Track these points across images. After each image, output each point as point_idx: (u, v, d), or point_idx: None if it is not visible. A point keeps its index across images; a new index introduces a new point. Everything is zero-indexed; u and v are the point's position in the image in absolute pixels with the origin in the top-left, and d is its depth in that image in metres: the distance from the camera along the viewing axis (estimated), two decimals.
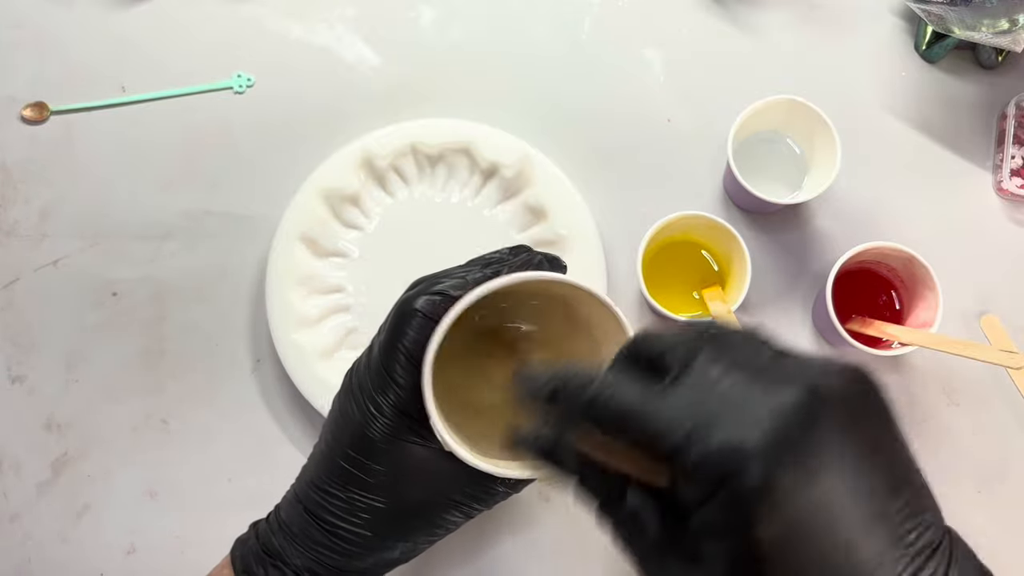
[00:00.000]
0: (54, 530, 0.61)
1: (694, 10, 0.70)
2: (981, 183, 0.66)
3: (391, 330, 0.38)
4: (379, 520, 0.39)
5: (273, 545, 0.41)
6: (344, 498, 0.39)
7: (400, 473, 0.38)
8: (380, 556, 0.40)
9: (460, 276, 0.39)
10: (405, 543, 0.40)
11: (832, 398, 0.24)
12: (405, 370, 0.38)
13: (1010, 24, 0.56)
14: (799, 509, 0.23)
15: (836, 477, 0.23)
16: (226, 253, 0.65)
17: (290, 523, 0.41)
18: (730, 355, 0.26)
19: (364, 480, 0.38)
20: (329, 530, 0.39)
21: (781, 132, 0.64)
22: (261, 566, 0.40)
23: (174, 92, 0.68)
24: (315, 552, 0.40)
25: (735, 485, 0.23)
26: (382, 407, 0.38)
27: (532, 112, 0.67)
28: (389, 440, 0.38)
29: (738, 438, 0.23)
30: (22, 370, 0.64)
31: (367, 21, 0.70)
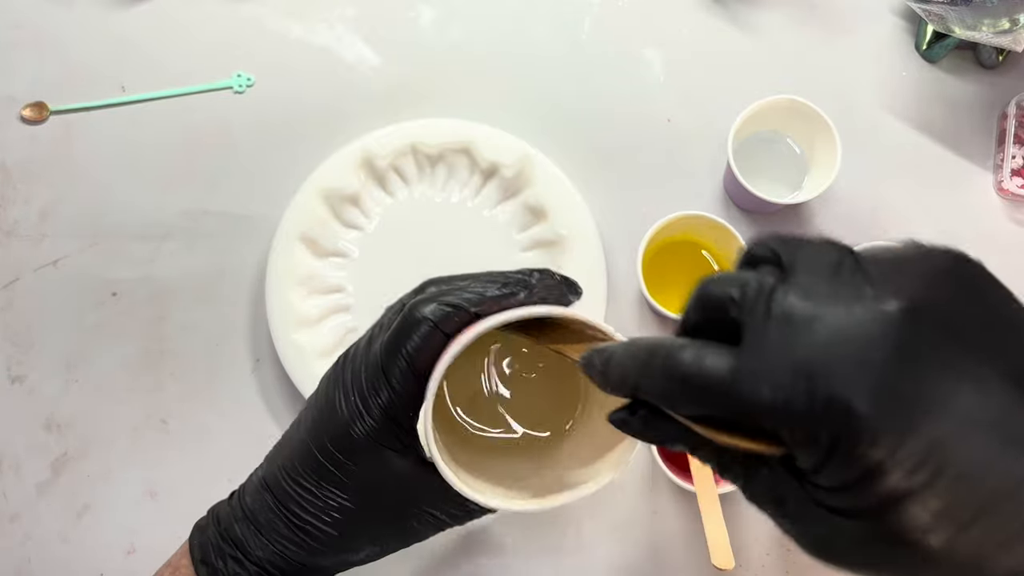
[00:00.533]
0: (54, 530, 0.61)
1: (694, 10, 0.70)
2: (982, 183, 0.66)
3: (396, 333, 0.37)
4: (350, 522, 0.38)
5: (235, 533, 0.39)
6: (317, 494, 0.38)
7: (378, 478, 0.37)
8: (345, 556, 0.39)
9: (478, 290, 0.38)
10: (372, 547, 0.39)
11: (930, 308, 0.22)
12: (403, 375, 0.36)
13: (1011, 24, 0.56)
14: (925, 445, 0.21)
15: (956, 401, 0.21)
16: (226, 253, 0.65)
17: (255, 511, 0.39)
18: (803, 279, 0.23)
19: (340, 479, 0.37)
20: (298, 525, 0.38)
21: (781, 132, 0.64)
22: (220, 558, 0.39)
23: (174, 92, 0.68)
24: (280, 545, 0.38)
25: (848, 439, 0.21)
26: (371, 409, 0.37)
27: (532, 112, 0.67)
28: (371, 443, 0.37)
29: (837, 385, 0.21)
30: (22, 370, 0.64)
31: (367, 21, 0.70)
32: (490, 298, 0.37)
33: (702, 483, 0.53)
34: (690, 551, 0.59)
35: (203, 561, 0.40)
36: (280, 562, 0.39)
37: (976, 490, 0.21)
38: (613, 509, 0.60)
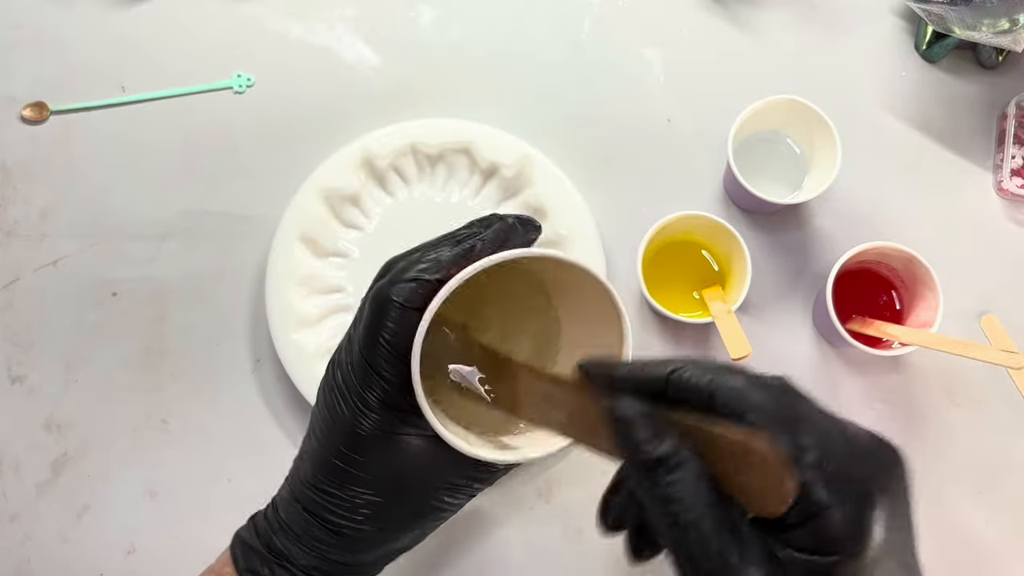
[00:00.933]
0: (54, 530, 0.61)
1: (694, 10, 0.70)
2: (981, 183, 0.66)
3: (370, 323, 0.37)
4: (381, 515, 0.38)
5: (277, 546, 0.40)
6: (343, 496, 0.38)
7: (396, 467, 0.38)
8: (387, 547, 0.40)
9: (432, 258, 0.38)
10: (412, 532, 0.40)
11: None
12: (389, 363, 0.37)
13: (1010, 24, 0.56)
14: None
15: None
16: (226, 253, 0.65)
17: (291, 523, 0.40)
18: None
19: (360, 477, 0.38)
20: (333, 529, 0.39)
21: (781, 132, 0.64)
22: (267, 566, 0.40)
23: (174, 92, 0.68)
24: (320, 551, 0.39)
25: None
26: (369, 403, 0.37)
27: (532, 112, 0.67)
28: (380, 436, 0.37)
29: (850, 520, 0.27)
30: (22, 370, 0.64)
31: (367, 21, 0.70)
32: (447, 261, 0.37)
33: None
34: None
35: (249, 570, 0.40)
36: (325, 566, 0.39)
37: None
38: None
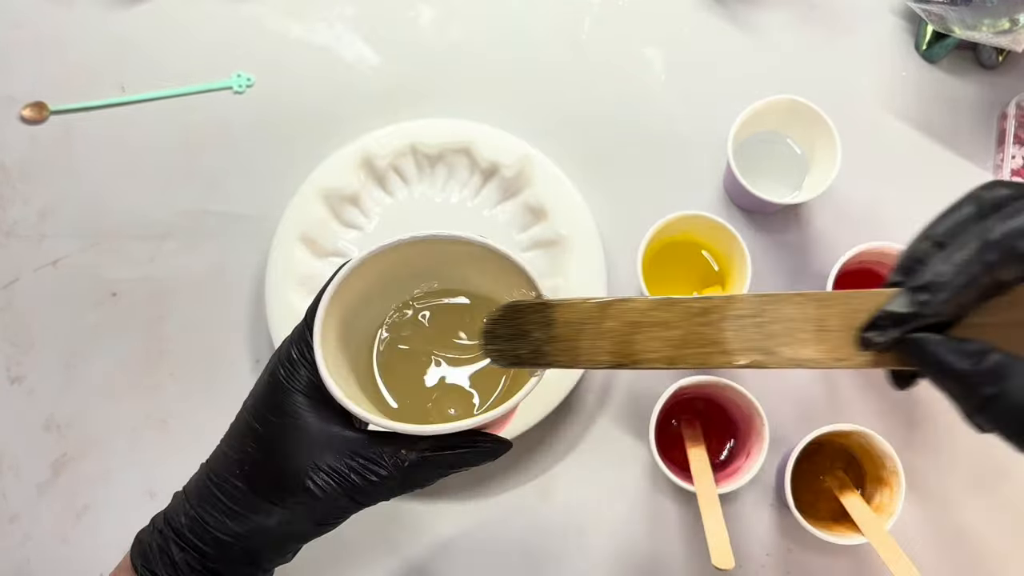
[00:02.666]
0: (54, 530, 0.61)
1: (694, 10, 0.70)
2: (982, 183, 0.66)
3: (322, 288, 0.40)
4: (259, 474, 0.39)
5: (170, 509, 0.41)
6: (238, 448, 0.40)
7: (293, 432, 0.38)
8: (257, 520, 0.39)
9: None
10: (283, 512, 0.39)
11: None
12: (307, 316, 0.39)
13: (1011, 24, 0.56)
14: None
15: None
16: (226, 253, 0.65)
17: (190, 485, 0.41)
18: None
19: (258, 431, 0.39)
20: (216, 483, 0.39)
21: (781, 132, 0.64)
22: (151, 532, 0.41)
23: (174, 92, 0.68)
24: (199, 510, 0.40)
25: None
26: (296, 362, 0.39)
27: (532, 112, 0.67)
28: (293, 396, 0.39)
29: None
30: (21, 370, 0.64)
31: (366, 20, 0.70)
32: None
33: (702, 483, 0.53)
34: (690, 551, 0.59)
35: (138, 539, 0.42)
36: (199, 529, 0.39)
37: None
38: (613, 510, 0.60)
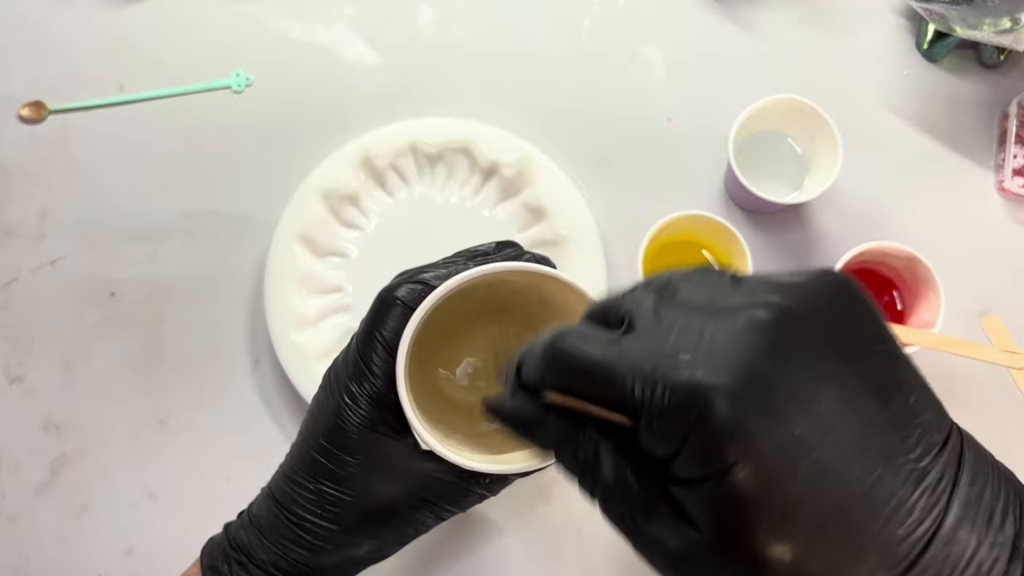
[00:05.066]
0: (52, 531, 0.61)
1: (694, 9, 0.69)
2: (983, 183, 0.66)
3: (370, 319, 0.38)
4: (346, 513, 0.38)
5: (241, 539, 0.40)
6: (313, 489, 0.38)
7: (371, 466, 0.37)
8: (346, 553, 0.39)
9: (443, 267, 0.39)
10: (372, 540, 0.39)
11: (800, 314, 0.22)
12: (382, 360, 0.37)
13: (1012, 23, 0.56)
14: (779, 443, 0.21)
15: (817, 400, 0.22)
16: (225, 253, 0.65)
17: (259, 516, 0.40)
18: (684, 292, 0.24)
19: (334, 471, 0.38)
20: (296, 523, 0.38)
21: (782, 131, 0.64)
22: (226, 562, 0.40)
23: (173, 91, 0.68)
24: (281, 546, 0.39)
25: (702, 430, 0.21)
26: (357, 397, 0.37)
27: (532, 112, 0.67)
28: (362, 431, 0.37)
29: (700, 378, 0.21)
30: (20, 370, 0.63)
31: (366, 20, 0.70)
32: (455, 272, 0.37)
33: None
34: None
35: (210, 567, 0.40)
36: (284, 564, 0.39)
37: (827, 496, 0.21)
38: None
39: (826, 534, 0.21)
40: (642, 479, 0.24)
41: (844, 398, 0.22)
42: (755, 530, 0.21)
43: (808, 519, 0.21)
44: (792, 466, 0.21)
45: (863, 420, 0.22)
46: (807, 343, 0.22)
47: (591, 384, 0.24)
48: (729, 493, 0.21)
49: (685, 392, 0.22)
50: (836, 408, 0.22)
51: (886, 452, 0.22)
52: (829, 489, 0.21)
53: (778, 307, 0.22)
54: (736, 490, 0.21)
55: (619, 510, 0.25)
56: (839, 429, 0.22)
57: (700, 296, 0.24)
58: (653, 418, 0.22)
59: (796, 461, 0.21)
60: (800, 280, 0.24)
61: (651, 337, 0.23)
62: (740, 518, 0.21)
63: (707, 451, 0.21)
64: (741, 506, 0.21)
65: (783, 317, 0.22)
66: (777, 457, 0.21)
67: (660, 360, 0.22)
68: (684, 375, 0.22)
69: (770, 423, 0.21)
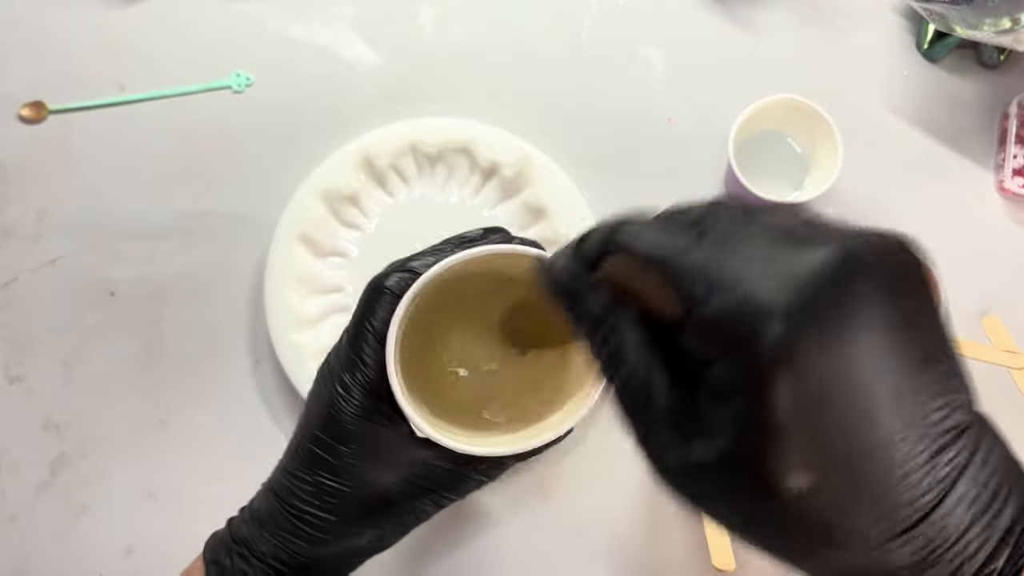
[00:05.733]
0: (52, 531, 0.60)
1: (694, 9, 0.69)
2: (983, 182, 0.66)
3: (360, 309, 0.38)
4: (345, 504, 0.38)
5: (242, 533, 0.40)
6: (311, 482, 0.38)
7: (368, 456, 0.38)
8: (346, 543, 0.39)
9: (432, 255, 0.39)
10: (373, 530, 0.39)
11: (868, 263, 0.23)
12: (373, 350, 0.37)
13: (1012, 23, 0.56)
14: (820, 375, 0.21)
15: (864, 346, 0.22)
16: (225, 253, 0.65)
17: (260, 510, 0.40)
18: (763, 217, 0.25)
19: (330, 462, 0.38)
20: (295, 515, 0.39)
21: (782, 131, 0.64)
22: (228, 556, 0.40)
23: (173, 91, 0.68)
24: (281, 539, 0.39)
25: (753, 342, 0.21)
26: (350, 387, 0.37)
27: (532, 112, 0.67)
28: (356, 420, 0.37)
29: (762, 294, 0.22)
30: (20, 370, 0.63)
31: (366, 20, 0.70)
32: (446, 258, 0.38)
33: None
34: (690, 551, 0.59)
35: (213, 561, 0.40)
36: (284, 556, 0.39)
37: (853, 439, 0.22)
38: (613, 510, 0.60)
39: (842, 474, 0.22)
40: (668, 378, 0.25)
41: (890, 352, 0.22)
42: (778, 453, 0.22)
43: (830, 455, 0.22)
44: (829, 400, 0.21)
45: (902, 379, 0.22)
46: (869, 290, 0.22)
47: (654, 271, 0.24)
48: (761, 409, 0.21)
49: (745, 302, 0.22)
50: (881, 358, 0.22)
51: (916, 416, 0.22)
52: (857, 432, 0.22)
53: (850, 250, 0.22)
54: (769, 408, 0.21)
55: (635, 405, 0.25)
56: (879, 379, 0.22)
57: (778, 223, 0.24)
58: (707, 320, 0.23)
59: (834, 396, 0.22)
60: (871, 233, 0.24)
61: (725, 245, 0.24)
62: (766, 437, 0.22)
63: (751, 363, 0.22)
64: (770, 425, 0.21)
65: (853, 260, 0.22)
66: (817, 387, 0.21)
67: (728, 266, 0.23)
68: (748, 285, 0.22)
69: (819, 352, 0.21)
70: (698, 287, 0.23)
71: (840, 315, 0.22)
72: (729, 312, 0.22)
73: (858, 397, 0.22)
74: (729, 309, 0.22)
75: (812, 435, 0.21)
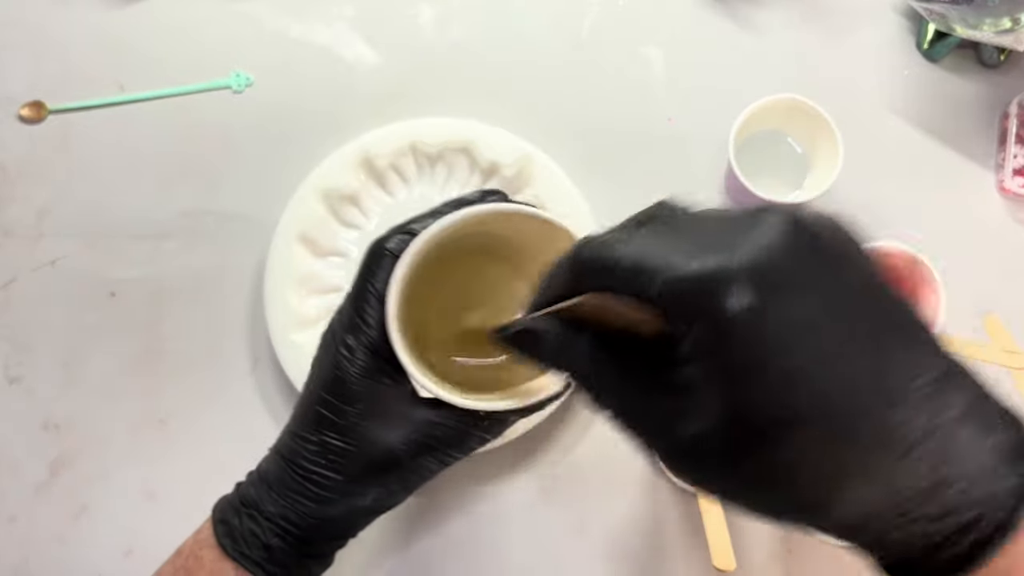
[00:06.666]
0: (52, 531, 0.60)
1: (695, 9, 0.69)
2: (983, 182, 0.66)
3: (361, 272, 0.39)
4: (351, 463, 0.39)
5: (250, 495, 0.41)
6: (317, 441, 0.39)
7: (372, 414, 0.38)
8: (353, 502, 0.40)
9: (431, 216, 0.39)
10: (378, 488, 0.40)
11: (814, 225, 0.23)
12: (375, 310, 0.37)
13: (1012, 23, 0.56)
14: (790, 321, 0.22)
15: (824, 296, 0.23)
16: (225, 253, 0.65)
17: (267, 472, 0.41)
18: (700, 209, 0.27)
19: (335, 422, 0.38)
20: (302, 475, 0.39)
21: (782, 131, 0.64)
22: (236, 516, 0.40)
23: (172, 91, 0.68)
24: (289, 499, 0.39)
25: (716, 308, 0.22)
26: (353, 348, 0.38)
27: (532, 112, 0.67)
28: (360, 381, 0.38)
29: (719, 261, 0.22)
30: (20, 370, 0.63)
31: (366, 20, 0.70)
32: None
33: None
34: (690, 551, 0.59)
35: (221, 520, 0.41)
36: (292, 516, 0.39)
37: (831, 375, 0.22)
38: (613, 509, 0.60)
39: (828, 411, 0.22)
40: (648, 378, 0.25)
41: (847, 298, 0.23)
42: (762, 402, 0.22)
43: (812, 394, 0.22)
44: (798, 350, 0.22)
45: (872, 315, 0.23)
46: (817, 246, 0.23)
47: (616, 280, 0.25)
48: (737, 363, 0.22)
49: (704, 274, 0.22)
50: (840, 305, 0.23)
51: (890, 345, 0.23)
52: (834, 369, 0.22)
53: (793, 214, 0.23)
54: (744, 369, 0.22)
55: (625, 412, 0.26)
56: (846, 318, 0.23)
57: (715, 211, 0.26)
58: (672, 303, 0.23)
59: (802, 346, 0.22)
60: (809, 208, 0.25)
61: (673, 234, 0.25)
62: (748, 390, 0.22)
63: (719, 328, 0.22)
64: (749, 376, 0.22)
65: (797, 222, 0.23)
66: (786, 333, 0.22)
67: (684, 249, 0.23)
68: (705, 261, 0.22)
69: (780, 307, 0.22)
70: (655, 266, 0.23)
71: (795, 276, 0.22)
72: (688, 282, 0.22)
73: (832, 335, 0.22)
74: (688, 280, 0.22)
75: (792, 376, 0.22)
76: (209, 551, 0.40)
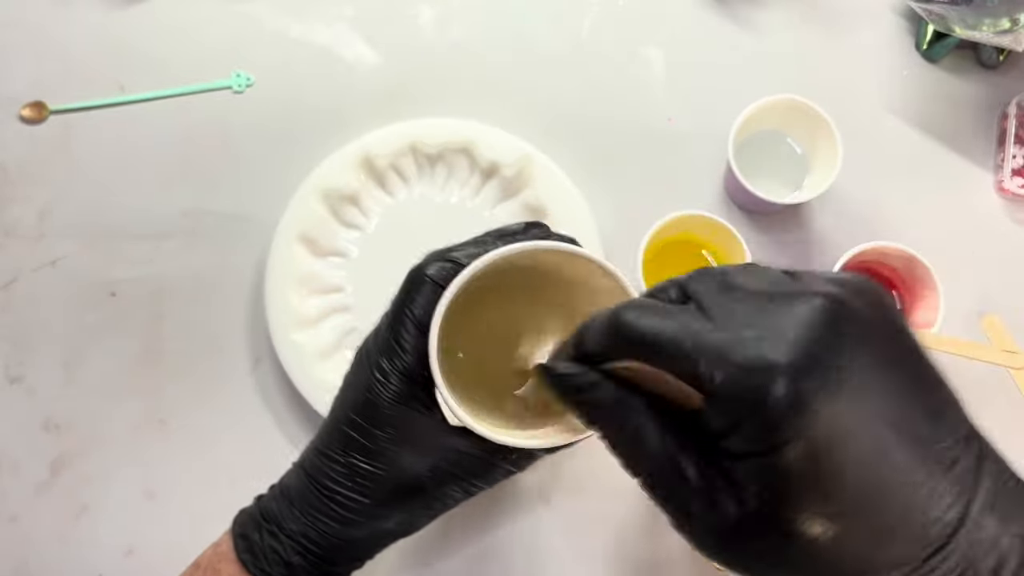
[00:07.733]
0: (52, 531, 0.60)
1: (695, 9, 0.70)
2: (982, 183, 0.66)
3: (400, 297, 0.38)
4: (377, 487, 0.38)
5: (272, 510, 0.41)
6: (344, 463, 0.39)
7: (401, 440, 0.38)
8: (375, 526, 0.40)
9: (473, 246, 0.39)
10: (402, 514, 0.40)
11: (853, 305, 0.24)
12: (412, 337, 0.37)
13: (1011, 23, 0.56)
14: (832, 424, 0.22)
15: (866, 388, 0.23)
16: (225, 253, 0.65)
17: (290, 488, 0.41)
18: (743, 279, 0.26)
19: (365, 445, 0.38)
20: (327, 495, 0.39)
21: (782, 131, 0.64)
22: (257, 531, 0.40)
23: (173, 91, 0.68)
24: (311, 518, 0.39)
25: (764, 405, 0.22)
26: (388, 373, 0.38)
27: (532, 112, 0.67)
28: (393, 406, 0.38)
29: (762, 353, 0.23)
30: (20, 370, 0.63)
31: (366, 20, 0.70)
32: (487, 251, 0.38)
33: None
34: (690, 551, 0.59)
35: (241, 535, 0.41)
36: (314, 535, 0.39)
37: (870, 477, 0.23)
38: (614, 509, 0.60)
39: (866, 512, 0.23)
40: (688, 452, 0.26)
41: (889, 387, 0.24)
42: (802, 505, 0.23)
43: (851, 497, 0.23)
44: (842, 446, 0.23)
45: (905, 409, 0.24)
46: (860, 332, 0.24)
47: (655, 357, 0.25)
48: (782, 467, 0.23)
49: (749, 367, 0.23)
50: (882, 395, 0.23)
51: (923, 440, 0.23)
52: (873, 470, 0.23)
53: (835, 296, 0.24)
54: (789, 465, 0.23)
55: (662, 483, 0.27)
56: (884, 415, 0.23)
57: (759, 283, 0.26)
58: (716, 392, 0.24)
59: (846, 441, 0.23)
60: (847, 278, 0.25)
61: (715, 314, 0.25)
62: (790, 493, 0.23)
63: (766, 425, 0.23)
64: (792, 481, 0.23)
65: (839, 305, 0.24)
66: (829, 436, 0.22)
67: (726, 336, 0.24)
68: (749, 351, 0.23)
69: (825, 402, 0.22)
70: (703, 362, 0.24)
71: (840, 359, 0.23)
72: (735, 381, 0.23)
73: (871, 435, 0.23)
74: (735, 378, 0.23)
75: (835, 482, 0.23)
76: (228, 565, 0.40)
